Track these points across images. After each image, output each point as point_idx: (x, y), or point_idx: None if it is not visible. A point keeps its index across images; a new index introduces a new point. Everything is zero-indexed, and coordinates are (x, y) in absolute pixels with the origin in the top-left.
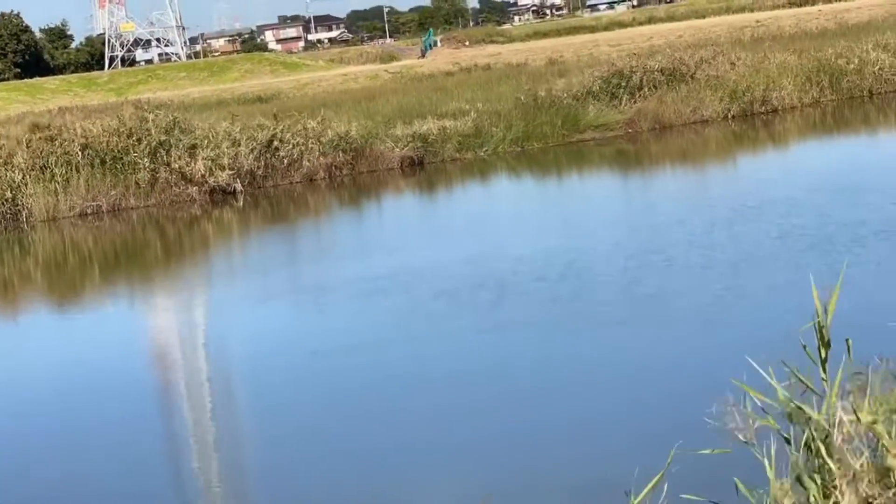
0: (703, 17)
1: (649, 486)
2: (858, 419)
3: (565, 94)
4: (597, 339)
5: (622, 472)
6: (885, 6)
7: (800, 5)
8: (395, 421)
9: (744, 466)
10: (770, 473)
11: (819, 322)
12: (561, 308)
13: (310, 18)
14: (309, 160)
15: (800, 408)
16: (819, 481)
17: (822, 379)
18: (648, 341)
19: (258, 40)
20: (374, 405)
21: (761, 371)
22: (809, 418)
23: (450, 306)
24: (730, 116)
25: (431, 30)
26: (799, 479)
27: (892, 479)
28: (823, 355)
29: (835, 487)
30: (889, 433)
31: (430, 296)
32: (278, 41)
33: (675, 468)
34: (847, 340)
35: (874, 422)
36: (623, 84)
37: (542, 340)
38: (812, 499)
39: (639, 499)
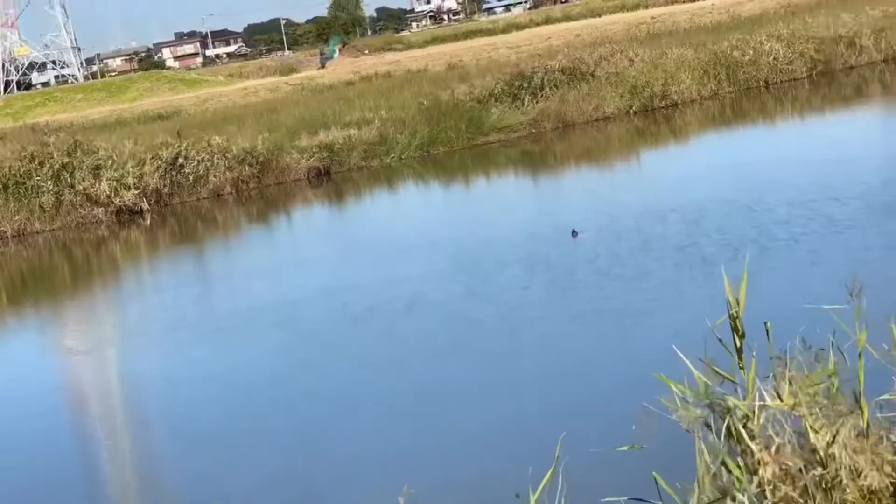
0: (599, 15)
1: (542, 482)
2: (780, 399)
3: (468, 98)
4: (517, 343)
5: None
6: None
7: (693, 0)
8: (304, 443)
9: (671, 461)
10: (698, 462)
11: (732, 313)
12: (476, 312)
13: (207, 34)
14: (215, 175)
15: (720, 397)
16: (743, 464)
17: (739, 367)
18: (567, 343)
19: (155, 58)
20: (281, 427)
21: (686, 361)
22: (730, 406)
23: (357, 326)
24: (631, 112)
25: (335, 38)
26: (724, 464)
27: (817, 458)
28: (739, 345)
29: (759, 464)
30: (811, 413)
31: (346, 316)
32: (176, 58)
33: (597, 468)
34: (766, 324)
35: (796, 403)
36: (525, 85)
37: (458, 346)
38: (736, 482)
39: (535, 495)
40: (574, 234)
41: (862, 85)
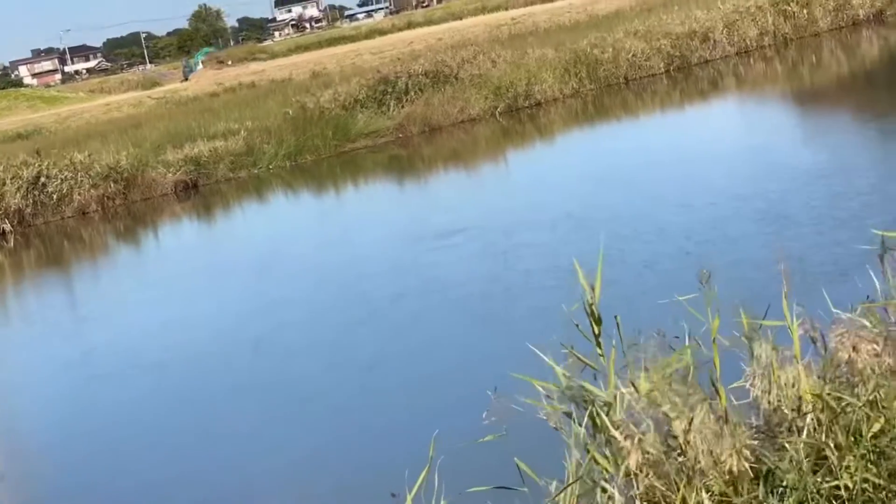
0: (461, 18)
1: (419, 480)
2: (637, 390)
3: (333, 105)
4: (379, 345)
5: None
6: None
7: (551, 0)
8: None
9: (537, 452)
10: (567, 455)
11: (588, 301)
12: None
13: (65, 49)
14: (79, 193)
15: (581, 386)
16: (609, 454)
17: (599, 354)
18: (427, 343)
19: (12, 76)
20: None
21: (543, 356)
22: (591, 396)
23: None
24: (497, 113)
25: (204, 49)
26: (592, 456)
27: (677, 445)
28: (597, 332)
29: (623, 453)
30: (668, 400)
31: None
32: (34, 75)
33: (469, 462)
34: (615, 317)
35: (651, 390)
36: (389, 90)
37: (329, 355)
38: (604, 472)
39: (412, 493)
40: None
41: (717, 78)
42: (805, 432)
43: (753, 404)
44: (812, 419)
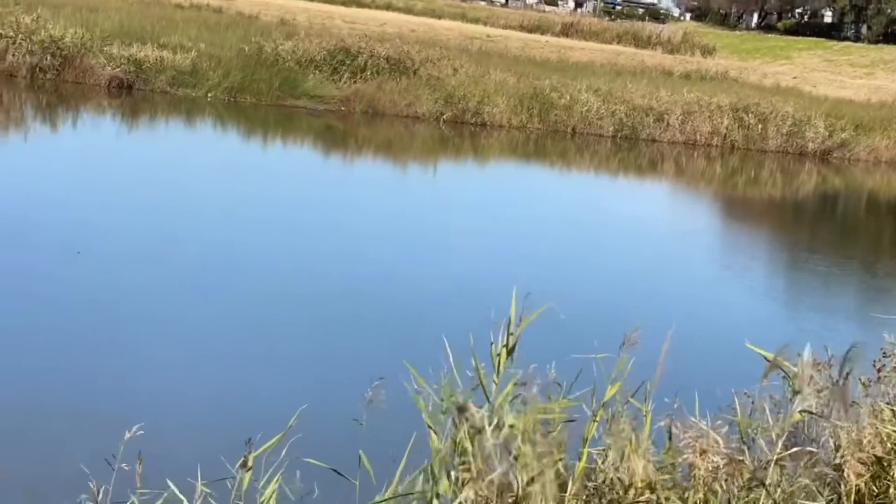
0: (439, 17)
1: (265, 445)
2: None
3: (289, 57)
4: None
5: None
6: (606, 52)
7: (530, 31)
8: None
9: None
10: (432, 457)
11: (509, 328)
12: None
13: None
14: (14, 55)
15: (463, 402)
16: (455, 477)
17: (494, 382)
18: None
19: None
20: None
21: (450, 356)
22: (467, 413)
23: None
24: (441, 119)
25: None
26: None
27: (516, 489)
28: (502, 358)
29: (462, 483)
30: (528, 445)
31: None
32: None
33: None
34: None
35: (513, 427)
36: (347, 62)
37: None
38: (442, 490)
39: (255, 452)
40: None
41: (657, 159)
42: None
43: (597, 473)
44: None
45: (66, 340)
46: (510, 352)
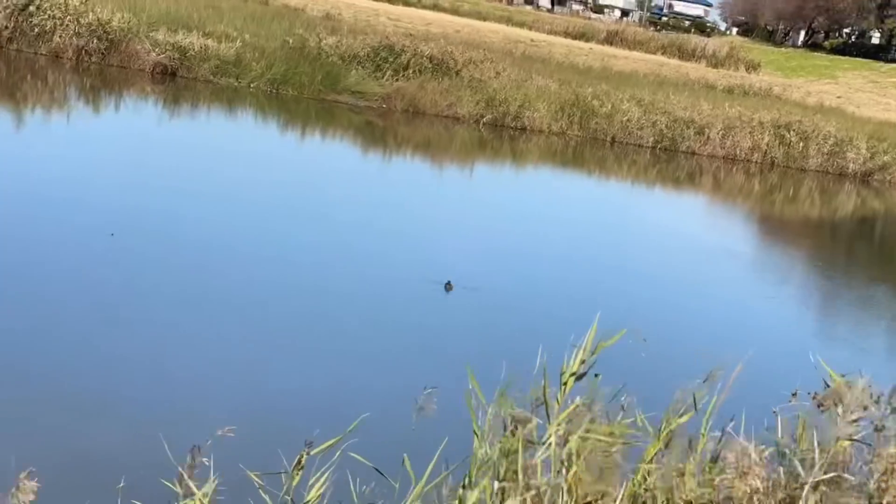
0: (485, 19)
1: (323, 445)
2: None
3: (333, 52)
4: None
5: None
6: (650, 63)
7: (575, 38)
8: None
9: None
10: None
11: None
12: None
13: None
14: (61, 37)
15: (523, 416)
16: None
17: (557, 401)
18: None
19: None
20: None
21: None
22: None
23: None
24: (481, 121)
25: None
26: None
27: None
28: (569, 385)
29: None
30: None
31: None
32: None
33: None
34: (596, 375)
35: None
36: (391, 59)
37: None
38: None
39: (314, 450)
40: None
41: (696, 173)
42: None
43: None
44: None
45: (107, 322)
46: (578, 378)
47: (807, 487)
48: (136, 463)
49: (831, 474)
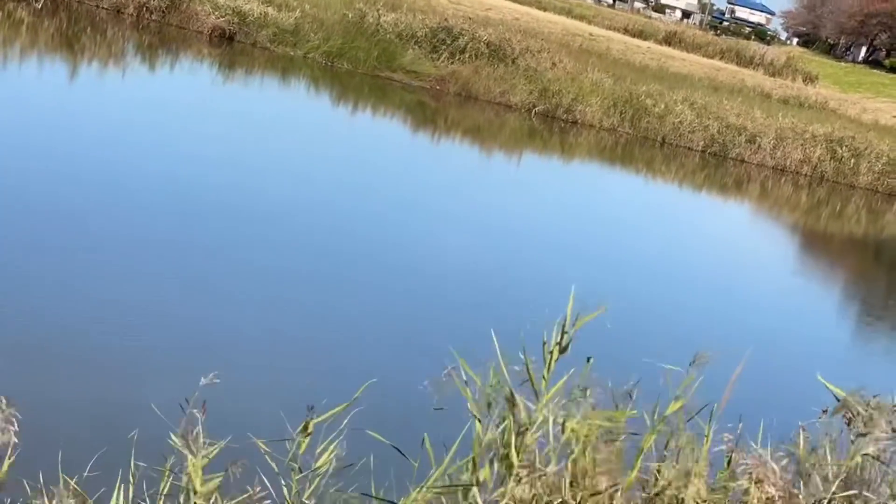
0: (545, 9)
1: (328, 414)
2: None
3: (391, 29)
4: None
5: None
6: (706, 67)
7: (633, 35)
8: None
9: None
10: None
11: (564, 326)
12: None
13: None
14: None
15: (511, 394)
16: (497, 468)
17: (543, 377)
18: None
19: None
20: None
21: (497, 347)
22: (514, 408)
23: None
24: (533, 111)
25: None
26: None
27: (561, 485)
28: (555, 357)
29: (514, 477)
30: (584, 450)
31: None
32: None
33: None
34: (588, 359)
35: (572, 433)
36: (448, 41)
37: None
38: (476, 481)
39: (318, 418)
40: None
41: (744, 181)
42: None
43: (651, 486)
44: None
45: (153, 279)
46: (563, 350)
47: (825, 502)
48: (144, 416)
49: (850, 492)
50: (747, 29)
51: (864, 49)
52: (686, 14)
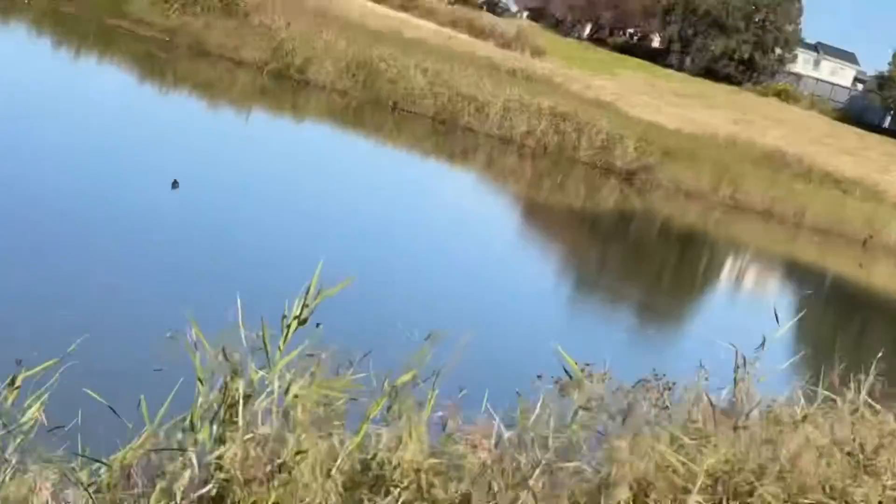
0: None
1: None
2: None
3: None
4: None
5: None
6: (441, 35)
7: (405, 10)
8: None
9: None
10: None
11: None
12: None
13: None
14: None
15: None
16: (216, 432)
17: (279, 348)
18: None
19: None
20: None
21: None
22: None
23: None
24: (265, 69)
25: None
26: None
27: (277, 465)
28: (293, 327)
29: (222, 441)
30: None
31: None
32: None
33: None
34: (318, 325)
35: (296, 398)
36: None
37: None
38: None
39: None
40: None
41: (470, 150)
42: (390, 496)
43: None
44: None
45: None
46: (301, 322)
47: (538, 469)
48: None
49: (564, 461)
50: None
51: (589, 26)
52: None
